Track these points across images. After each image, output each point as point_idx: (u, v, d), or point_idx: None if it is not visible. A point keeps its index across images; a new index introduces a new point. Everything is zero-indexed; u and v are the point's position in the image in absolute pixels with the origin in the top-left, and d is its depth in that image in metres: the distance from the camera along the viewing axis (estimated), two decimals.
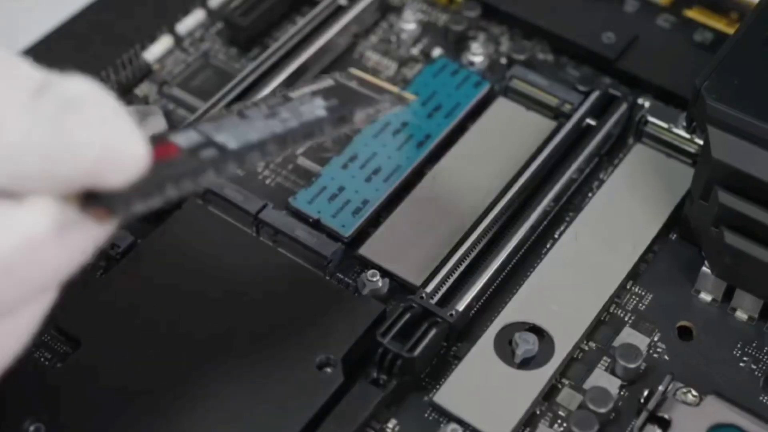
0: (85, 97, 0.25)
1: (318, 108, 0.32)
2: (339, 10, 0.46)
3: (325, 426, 0.33)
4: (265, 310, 0.36)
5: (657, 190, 0.40)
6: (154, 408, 0.33)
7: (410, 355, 0.34)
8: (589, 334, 0.37)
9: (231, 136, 0.30)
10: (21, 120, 0.25)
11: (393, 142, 0.41)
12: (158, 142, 0.28)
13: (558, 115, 0.42)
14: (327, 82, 0.34)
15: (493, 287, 0.38)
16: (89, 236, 0.26)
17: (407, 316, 0.35)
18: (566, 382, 0.36)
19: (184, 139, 0.29)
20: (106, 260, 0.38)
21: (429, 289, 0.36)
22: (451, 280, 0.37)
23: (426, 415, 0.35)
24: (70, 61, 0.38)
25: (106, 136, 0.25)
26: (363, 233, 0.39)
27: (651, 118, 0.41)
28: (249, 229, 0.39)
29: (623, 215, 0.39)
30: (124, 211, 0.26)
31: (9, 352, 0.27)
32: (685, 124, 0.40)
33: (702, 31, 0.45)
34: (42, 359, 0.35)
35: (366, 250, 0.38)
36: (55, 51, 0.43)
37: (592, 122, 0.41)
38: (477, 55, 0.45)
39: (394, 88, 0.35)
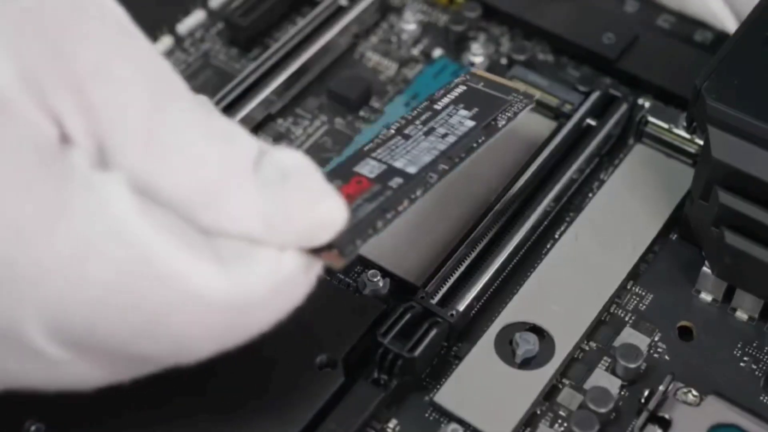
0: (299, 168, 0.28)
1: (465, 119, 0.35)
2: (339, 11, 0.46)
3: (325, 426, 0.33)
4: None
5: (657, 190, 0.40)
6: (154, 407, 0.33)
7: (411, 355, 0.34)
8: (590, 334, 0.37)
9: (407, 160, 0.32)
10: (247, 188, 0.27)
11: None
12: (348, 175, 0.31)
13: (558, 116, 0.42)
14: (459, 87, 0.37)
15: (493, 287, 0.38)
16: (307, 285, 0.29)
17: (408, 316, 0.35)
18: (567, 382, 0.36)
19: (368, 169, 0.32)
20: None
21: (429, 289, 0.36)
22: (452, 280, 0.37)
23: (426, 415, 0.35)
24: None
25: (318, 201, 0.28)
26: None
27: (651, 119, 0.41)
28: None
29: (623, 215, 0.39)
30: (351, 252, 0.29)
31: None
32: (685, 124, 0.40)
33: (702, 31, 0.45)
34: None
35: (366, 250, 0.38)
36: None
37: (593, 122, 0.41)
38: (477, 55, 0.45)
39: (518, 85, 0.37)
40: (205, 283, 0.26)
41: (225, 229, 0.27)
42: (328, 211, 0.28)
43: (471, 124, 0.34)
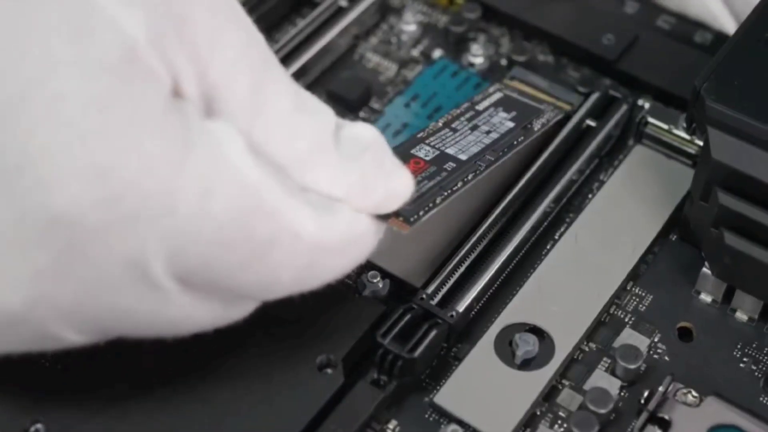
0: (373, 142, 0.31)
1: (505, 120, 0.38)
2: (339, 12, 0.46)
3: (325, 427, 0.33)
4: (265, 311, 0.36)
5: (657, 191, 0.40)
6: (155, 408, 0.33)
7: (410, 356, 0.34)
8: (590, 335, 0.37)
9: (457, 149, 0.36)
10: (330, 160, 0.30)
11: (393, 143, 0.41)
12: (407, 157, 0.35)
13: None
14: (497, 94, 0.40)
15: (493, 288, 0.38)
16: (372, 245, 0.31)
17: (407, 317, 0.35)
18: (566, 382, 0.36)
19: (423, 153, 0.35)
20: None
21: (429, 290, 0.36)
22: (452, 281, 0.37)
23: (426, 415, 0.35)
24: None
25: (390, 174, 0.31)
26: None
27: (651, 119, 0.41)
28: None
29: (623, 216, 0.39)
30: (415, 221, 0.32)
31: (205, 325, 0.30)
32: (685, 125, 0.40)
33: (702, 32, 0.45)
34: (43, 359, 0.35)
35: None
36: None
37: (593, 123, 0.42)
38: (477, 56, 0.45)
39: (549, 97, 0.41)
40: (301, 222, 0.29)
41: (322, 191, 0.30)
42: (399, 184, 0.31)
43: (511, 124, 0.38)
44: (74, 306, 0.27)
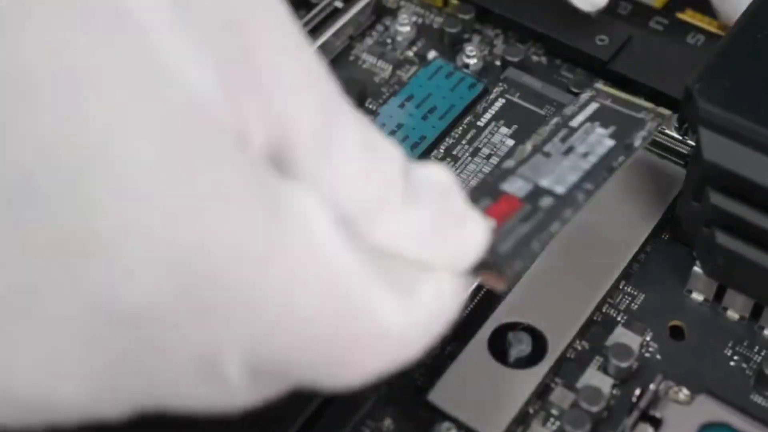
0: (445, 186, 0.27)
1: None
2: (334, 13, 0.46)
3: (320, 425, 0.33)
4: None
5: (649, 191, 0.40)
6: None
7: None
8: (582, 334, 0.37)
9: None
10: (400, 205, 0.26)
11: None
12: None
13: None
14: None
15: (486, 287, 0.38)
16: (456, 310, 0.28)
17: None
18: (559, 381, 0.36)
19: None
20: None
21: None
22: None
23: (420, 414, 0.35)
24: None
25: (464, 222, 0.28)
26: None
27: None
28: None
29: (616, 216, 0.40)
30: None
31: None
32: (677, 125, 0.40)
33: (695, 33, 0.45)
34: None
35: None
36: None
37: None
38: (471, 57, 0.45)
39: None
40: (390, 317, 0.25)
41: (381, 245, 0.26)
42: (474, 233, 0.28)
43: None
44: (132, 397, 0.24)
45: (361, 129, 0.27)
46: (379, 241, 0.26)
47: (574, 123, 0.35)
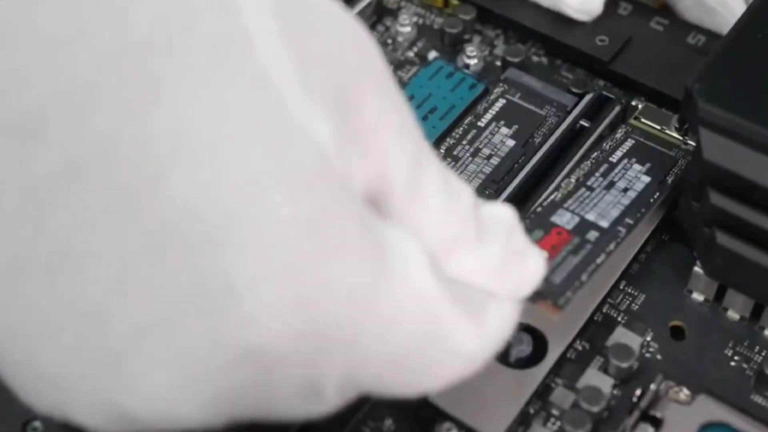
0: (510, 223, 0.31)
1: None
2: None
3: (320, 425, 0.33)
4: None
5: None
6: None
7: None
8: (583, 334, 0.37)
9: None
10: (474, 243, 0.29)
11: None
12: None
13: None
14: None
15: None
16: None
17: None
18: (559, 381, 0.36)
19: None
20: None
21: None
22: None
23: (420, 413, 0.35)
24: None
25: (525, 257, 0.31)
26: None
27: (644, 120, 0.42)
28: None
29: None
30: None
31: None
32: (677, 125, 0.40)
33: (695, 33, 0.45)
34: None
35: None
36: None
37: (586, 124, 0.42)
38: (472, 57, 0.45)
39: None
40: (465, 340, 0.28)
41: (456, 276, 0.29)
42: (533, 267, 0.31)
43: (646, 179, 0.37)
44: (237, 414, 0.27)
45: (441, 173, 0.29)
46: (455, 273, 0.29)
47: (614, 158, 0.38)
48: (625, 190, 0.37)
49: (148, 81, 0.25)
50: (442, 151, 0.40)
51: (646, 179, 0.37)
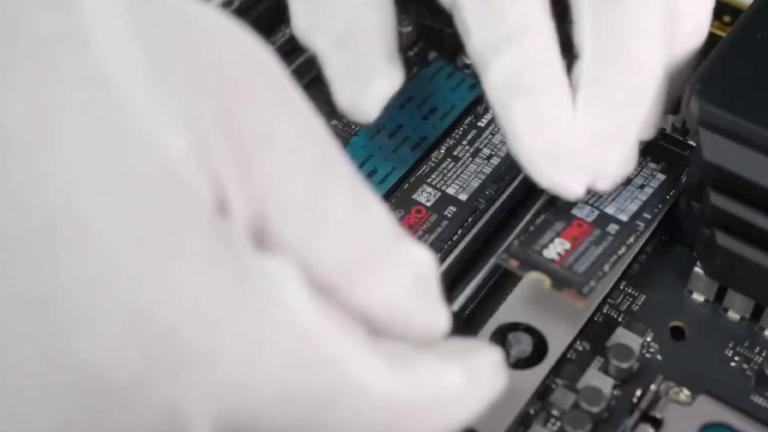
0: (430, 269, 0.29)
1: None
2: None
3: None
4: None
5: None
6: None
7: None
8: (583, 334, 0.37)
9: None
10: (388, 268, 0.27)
11: (389, 144, 0.42)
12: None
13: None
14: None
15: (487, 288, 0.38)
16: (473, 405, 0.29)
17: None
18: (560, 381, 0.36)
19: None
20: None
21: None
22: (447, 281, 0.37)
23: None
24: None
25: (435, 308, 0.29)
26: None
27: None
28: None
29: None
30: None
31: None
32: (677, 126, 0.40)
33: None
34: None
35: None
36: None
37: None
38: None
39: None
40: (368, 376, 0.26)
41: (370, 308, 0.27)
42: (441, 322, 0.29)
43: (661, 177, 0.39)
44: None
45: (352, 190, 0.27)
46: (358, 304, 0.27)
47: None
48: (642, 186, 0.38)
49: None
50: (442, 151, 0.40)
51: (661, 177, 0.38)
